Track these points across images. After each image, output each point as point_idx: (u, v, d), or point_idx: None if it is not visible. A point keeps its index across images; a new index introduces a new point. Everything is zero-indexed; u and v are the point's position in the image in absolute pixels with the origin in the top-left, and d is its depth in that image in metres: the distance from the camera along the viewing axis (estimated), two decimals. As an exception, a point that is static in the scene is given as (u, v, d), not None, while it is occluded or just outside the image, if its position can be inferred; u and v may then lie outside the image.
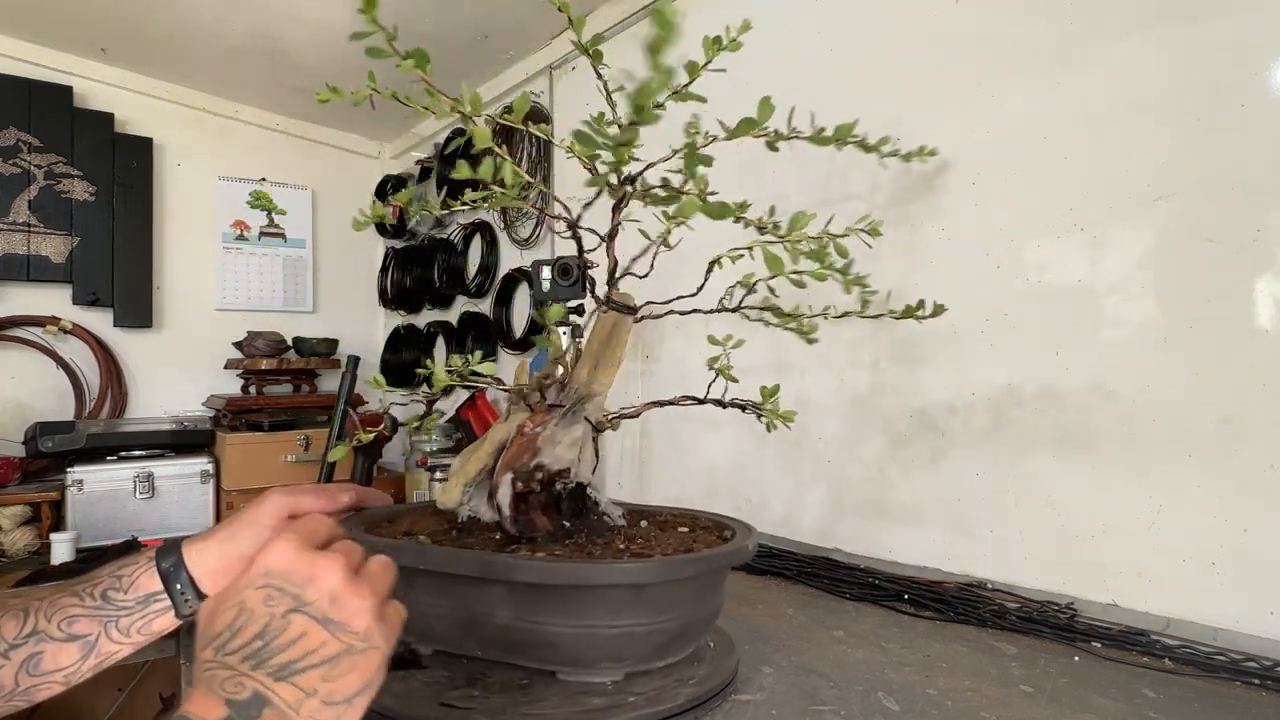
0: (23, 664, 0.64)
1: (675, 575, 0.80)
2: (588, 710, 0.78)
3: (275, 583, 0.51)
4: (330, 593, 0.51)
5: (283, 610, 0.50)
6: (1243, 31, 1.07)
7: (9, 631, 0.64)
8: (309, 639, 0.49)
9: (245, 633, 0.49)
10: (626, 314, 0.92)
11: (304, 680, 0.48)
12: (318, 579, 0.51)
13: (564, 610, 0.79)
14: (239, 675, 0.48)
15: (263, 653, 0.48)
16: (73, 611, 0.66)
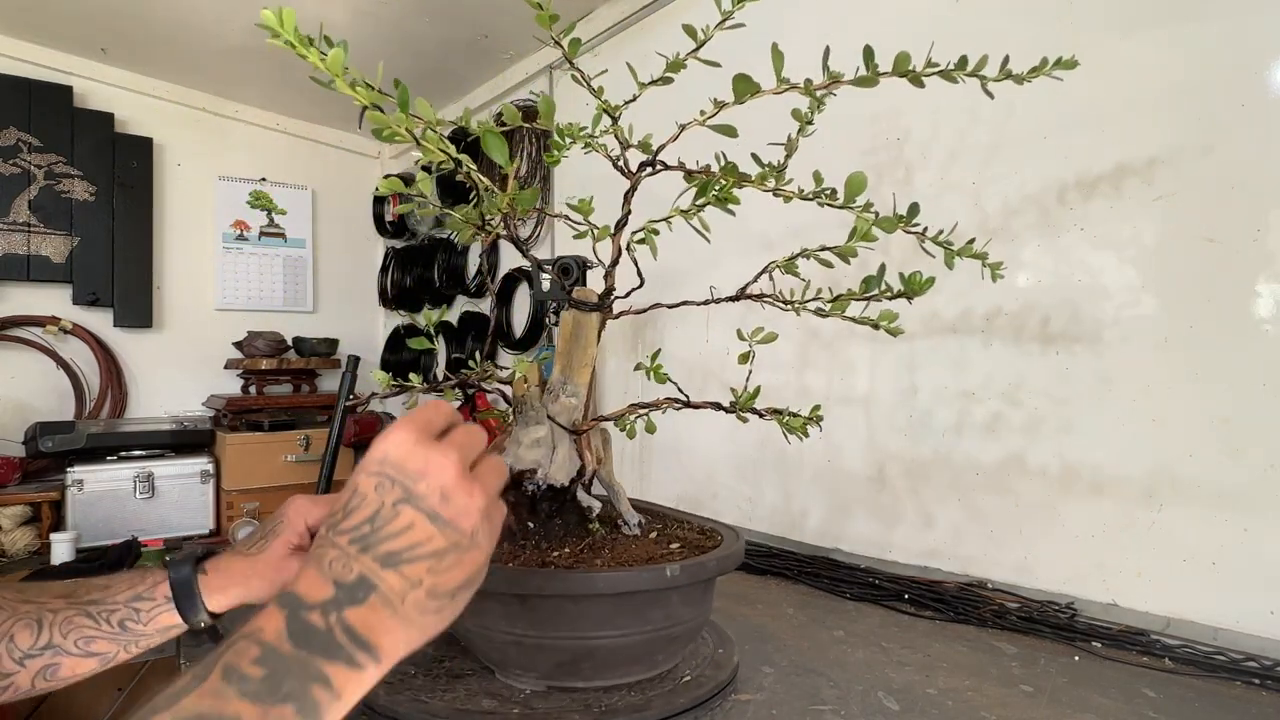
0: (39, 671, 0.66)
1: (541, 591, 0.78)
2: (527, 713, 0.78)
3: (388, 471, 0.50)
4: (441, 489, 0.50)
5: (392, 500, 0.49)
6: (1243, 31, 1.06)
7: (23, 641, 0.65)
8: (416, 531, 0.49)
9: (356, 515, 0.49)
10: (589, 311, 0.92)
11: (410, 571, 0.48)
12: (430, 474, 0.50)
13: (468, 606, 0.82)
14: (347, 557, 0.48)
15: (370, 538, 0.48)
16: (89, 633, 0.68)
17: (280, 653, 0.43)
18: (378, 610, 0.46)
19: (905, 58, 0.76)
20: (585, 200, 0.91)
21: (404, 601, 0.47)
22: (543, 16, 0.74)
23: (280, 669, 0.42)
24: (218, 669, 0.42)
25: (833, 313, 0.89)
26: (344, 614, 0.45)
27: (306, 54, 0.60)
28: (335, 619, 0.45)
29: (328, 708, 0.43)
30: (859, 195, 0.80)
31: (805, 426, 0.88)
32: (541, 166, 2.58)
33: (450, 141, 0.75)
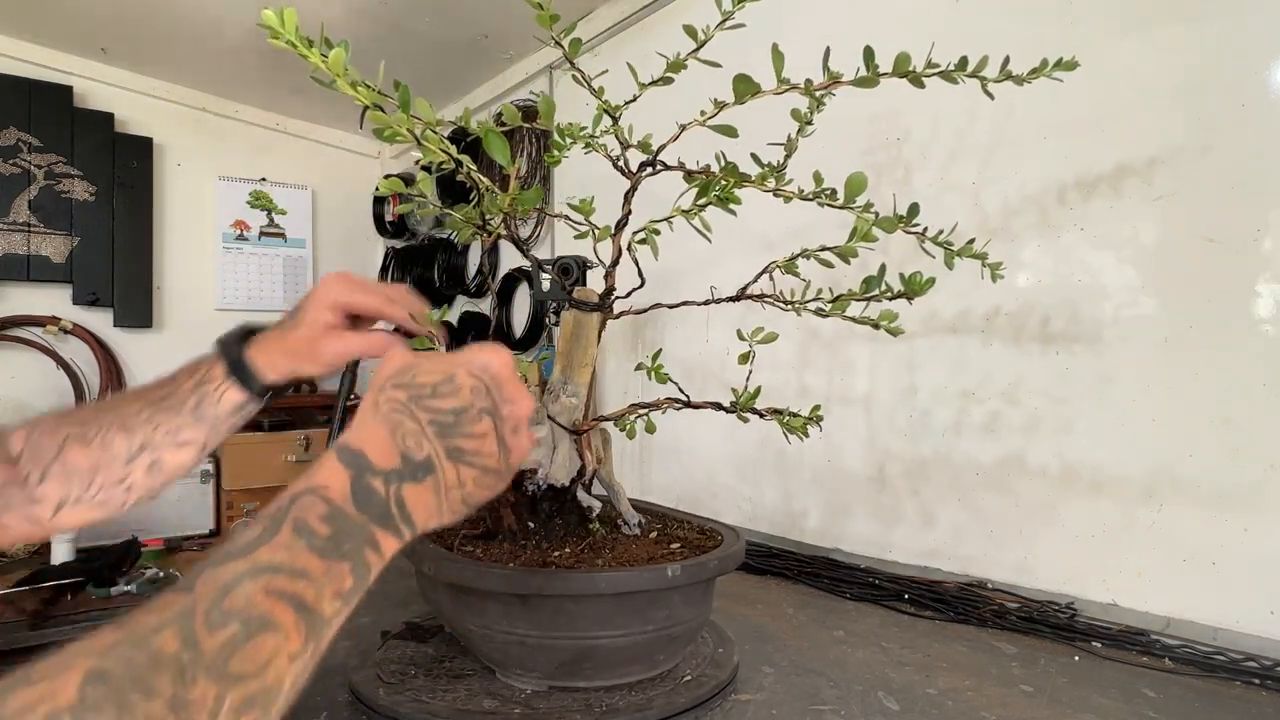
0: (148, 469, 0.71)
1: (544, 590, 0.79)
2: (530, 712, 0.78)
3: (487, 381, 0.54)
4: (516, 421, 0.55)
5: (481, 406, 0.53)
6: (1243, 31, 1.07)
7: (120, 447, 0.70)
8: (486, 442, 0.53)
9: (446, 401, 0.52)
10: (589, 311, 0.92)
11: (464, 472, 0.52)
12: (517, 405, 0.54)
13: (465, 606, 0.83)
14: (422, 435, 0.51)
15: (450, 429, 0.51)
16: (173, 424, 0.73)
17: (345, 514, 0.46)
18: (427, 493, 0.50)
19: (905, 58, 0.77)
20: (586, 200, 0.91)
21: (447, 494, 0.51)
22: (543, 16, 0.74)
23: (343, 529, 0.45)
24: (288, 522, 0.44)
25: (833, 313, 0.89)
26: (403, 488, 0.48)
27: (307, 54, 0.60)
28: (394, 490, 0.48)
29: (374, 570, 0.47)
30: (859, 195, 0.80)
31: (805, 426, 0.88)
32: (542, 166, 2.58)
33: (450, 141, 0.75)
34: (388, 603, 1.20)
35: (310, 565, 0.43)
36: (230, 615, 0.38)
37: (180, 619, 0.37)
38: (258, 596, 0.40)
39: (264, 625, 0.39)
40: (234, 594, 0.39)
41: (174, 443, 0.72)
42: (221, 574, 0.40)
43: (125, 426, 0.71)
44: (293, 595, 0.41)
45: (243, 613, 0.38)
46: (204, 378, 0.75)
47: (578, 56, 0.81)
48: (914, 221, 0.83)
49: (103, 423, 0.71)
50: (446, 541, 0.89)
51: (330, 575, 0.43)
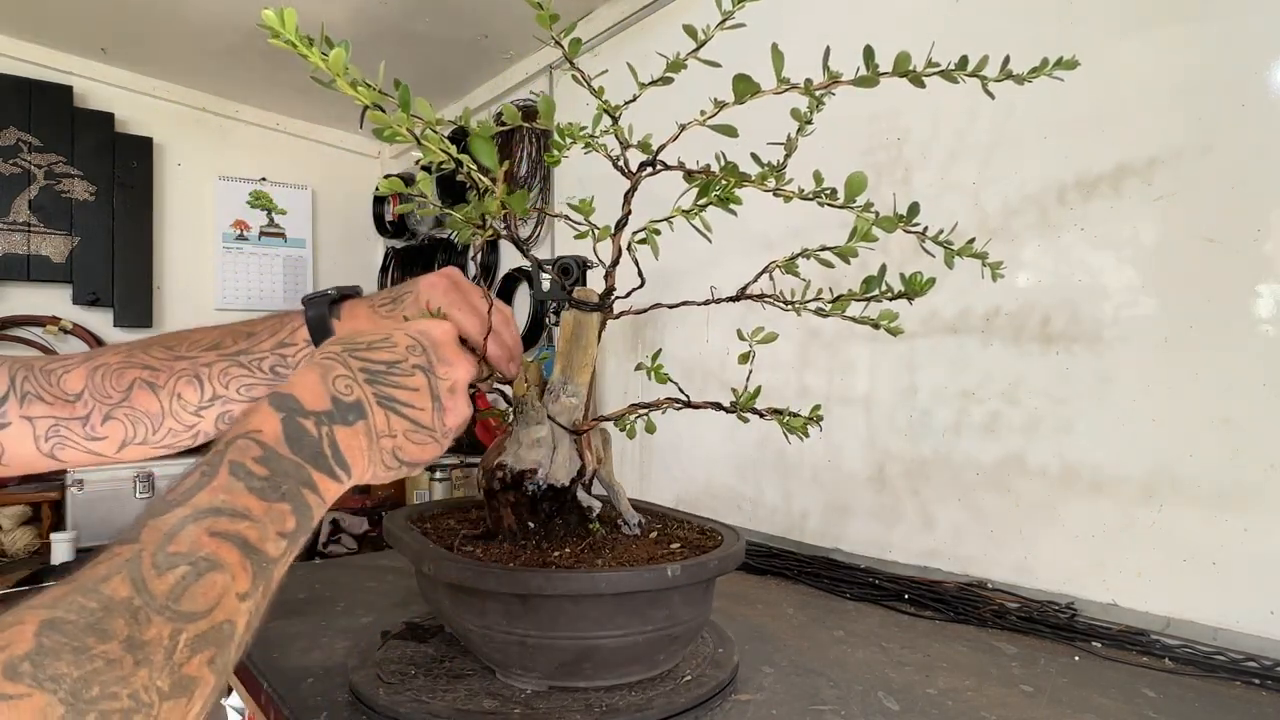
0: (218, 418, 0.72)
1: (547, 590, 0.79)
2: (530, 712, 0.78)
3: (425, 343, 0.56)
4: (454, 384, 0.56)
5: (415, 362, 0.54)
6: (1243, 31, 1.07)
7: (191, 397, 0.71)
8: (419, 396, 0.54)
9: (378, 353, 0.54)
10: (589, 311, 0.92)
11: (395, 421, 0.53)
12: (455, 367, 0.56)
13: (465, 606, 0.83)
14: (353, 380, 0.52)
15: (380, 377, 0.53)
16: (247, 380, 0.73)
17: (280, 455, 0.46)
18: (359, 436, 0.51)
19: (905, 58, 0.76)
20: (585, 200, 0.91)
21: (377, 440, 0.52)
22: (543, 16, 0.74)
23: (279, 470, 0.46)
24: (224, 466, 0.44)
25: (833, 313, 0.89)
26: (334, 429, 0.49)
27: (308, 54, 0.60)
28: (326, 431, 0.49)
29: (315, 511, 0.47)
30: (859, 195, 0.80)
31: (805, 426, 0.88)
32: (541, 166, 2.58)
33: (450, 141, 0.75)
34: (388, 603, 1.20)
35: (250, 505, 0.43)
36: (177, 558, 0.39)
37: (129, 565, 0.37)
38: (202, 538, 0.40)
39: (211, 565, 0.39)
40: (178, 537, 0.40)
41: (248, 398, 0.73)
42: (165, 521, 0.40)
43: (198, 377, 0.72)
44: (236, 535, 0.42)
45: (189, 554, 0.39)
46: (286, 340, 0.75)
47: (578, 56, 0.81)
48: (914, 221, 0.83)
49: (175, 370, 0.71)
50: (446, 541, 0.89)
51: (271, 515, 0.44)
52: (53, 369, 0.70)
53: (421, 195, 0.83)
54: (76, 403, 0.69)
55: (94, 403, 0.69)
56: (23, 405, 0.68)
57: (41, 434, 0.68)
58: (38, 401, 0.68)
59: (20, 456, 0.68)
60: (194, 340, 0.75)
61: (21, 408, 0.68)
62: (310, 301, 0.77)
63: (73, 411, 0.69)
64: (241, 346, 0.74)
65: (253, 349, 0.74)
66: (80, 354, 0.73)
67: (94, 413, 0.69)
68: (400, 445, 0.54)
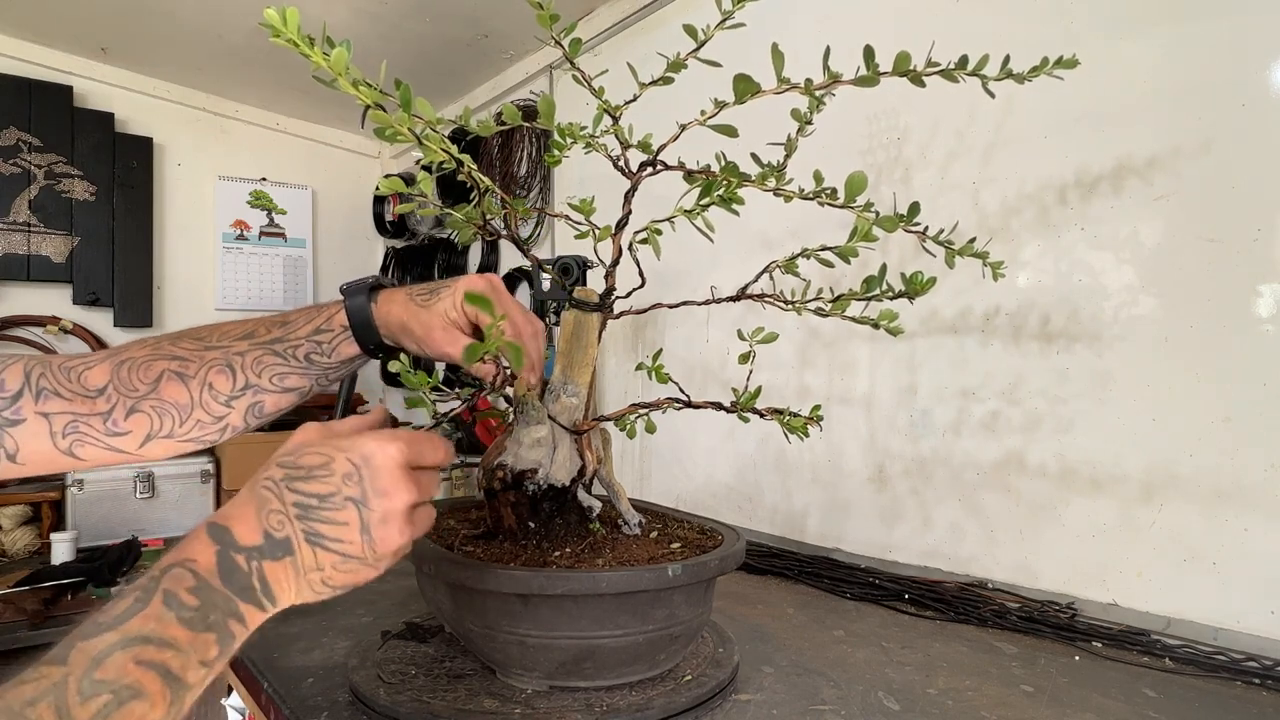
0: (247, 410, 0.71)
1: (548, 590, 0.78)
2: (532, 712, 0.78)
3: (363, 472, 0.56)
4: (386, 513, 0.56)
5: (348, 494, 0.55)
6: (1243, 31, 1.07)
7: (223, 386, 0.70)
8: (348, 530, 0.55)
9: (313, 485, 0.55)
10: (590, 311, 0.92)
11: (322, 556, 0.54)
12: (390, 496, 0.56)
13: (465, 606, 0.83)
14: (286, 516, 0.54)
15: (311, 512, 0.54)
16: (280, 369, 0.72)
17: (211, 586, 0.49)
18: (286, 571, 0.53)
19: (905, 57, 0.77)
20: (586, 200, 0.91)
21: (304, 574, 0.54)
22: (543, 16, 0.74)
23: (209, 601, 0.48)
24: (159, 594, 0.46)
25: (833, 313, 0.89)
26: (263, 564, 0.52)
27: (309, 54, 0.60)
28: (256, 566, 0.51)
29: (238, 639, 0.50)
30: (859, 195, 0.80)
31: (805, 426, 0.88)
32: (541, 166, 2.58)
33: (450, 141, 0.75)
34: (388, 603, 1.20)
35: (178, 635, 0.45)
36: (101, 685, 0.41)
37: (54, 690, 0.39)
38: (128, 666, 0.42)
39: (133, 694, 0.42)
40: (105, 664, 0.42)
41: (280, 388, 0.72)
42: (95, 645, 0.42)
43: (230, 366, 0.71)
44: (160, 664, 0.44)
45: (113, 682, 0.41)
46: (322, 326, 0.75)
47: (578, 56, 0.81)
48: (914, 221, 0.83)
49: (205, 360, 0.70)
50: (446, 541, 0.89)
51: (196, 645, 0.46)
52: (74, 365, 0.69)
53: (422, 195, 0.83)
54: (99, 398, 0.68)
55: (118, 397, 0.68)
56: (38, 401, 0.67)
57: (59, 430, 0.67)
58: (54, 397, 0.67)
59: (37, 454, 0.67)
60: (225, 331, 0.74)
61: (37, 403, 0.67)
62: (349, 289, 0.77)
63: (93, 407, 0.68)
64: (276, 335, 0.74)
65: (288, 336, 0.74)
66: (104, 351, 0.72)
67: (117, 407, 0.68)
68: (329, 576, 0.55)
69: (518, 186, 2.61)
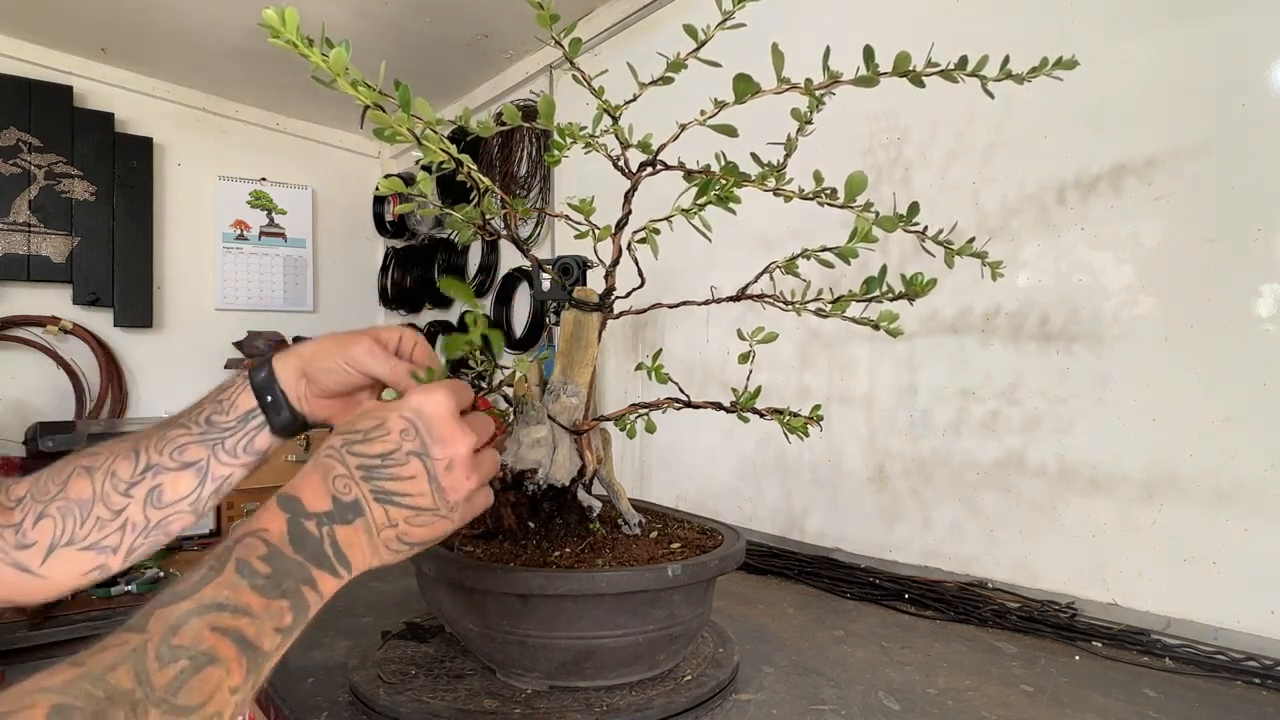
0: (146, 498, 0.66)
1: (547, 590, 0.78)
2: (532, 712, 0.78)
3: (418, 424, 0.56)
4: (450, 460, 0.56)
5: (409, 449, 0.56)
6: (1243, 31, 1.06)
7: (125, 472, 0.66)
8: (415, 483, 0.56)
9: (373, 446, 0.55)
10: (589, 311, 0.92)
11: (394, 512, 0.55)
12: (449, 443, 0.56)
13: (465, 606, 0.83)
14: (351, 479, 0.54)
15: (376, 471, 0.55)
16: (181, 441, 0.67)
17: (283, 554, 0.49)
18: (359, 533, 0.53)
19: (905, 57, 0.76)
20: (586, 200, 0.91)
21: (378, 534, 0.54)
22: (543, 16, 0.74)
23: (281, 569, 0.49)
24: (232, 562, 0.47)
25: (833, 313, 0.89)
26: (335, 528, 0.52)
27: (308, 54, 0.60)
28: (327, 531, 0.52)
29: (313, 607, 0.50)
30: (859, 195, 0.80)
31: (805, 426, 0.88)
32: (541, 166, 2.58)
33: (450, 141, 0.75)
34: (388, 603, 1.20)
35: (251, 602, 0.46)
36: (179, 651, 0.42)
37: (134, 656, 0.40)
38: (204, 632, 0.43)
39: (209, 659, 0.43)
40: (183, 631, 0.43)
41: (179, 463, 0.66)
42: (171, 612, 0.43)
43: (136, 449, 0.66)
44: (235, 631, 0.45)
45: (190, 648, 0.42)
46: (226, 384, 0.71)
47: (578, 56, 0.81)
48: (914, 221, 0.83)
49: (115, 450, 0.66)
50: (447, 541, 0.89)
51: (270, 612, 0.47)
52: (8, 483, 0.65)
53: (421, 195, 0.83)
54: (16, 509, 0.63)
55: (31, 504, 0.64)
56: None
57: None
58: None
59: None
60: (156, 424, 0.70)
61: None
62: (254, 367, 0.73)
63: (9, 519, 0.63)
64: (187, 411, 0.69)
65: (199, 403, 0.70)
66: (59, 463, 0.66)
67: (29, 515, 0.63)
68: (405, 531, 0.56)
69: (518, 186, 2.60)
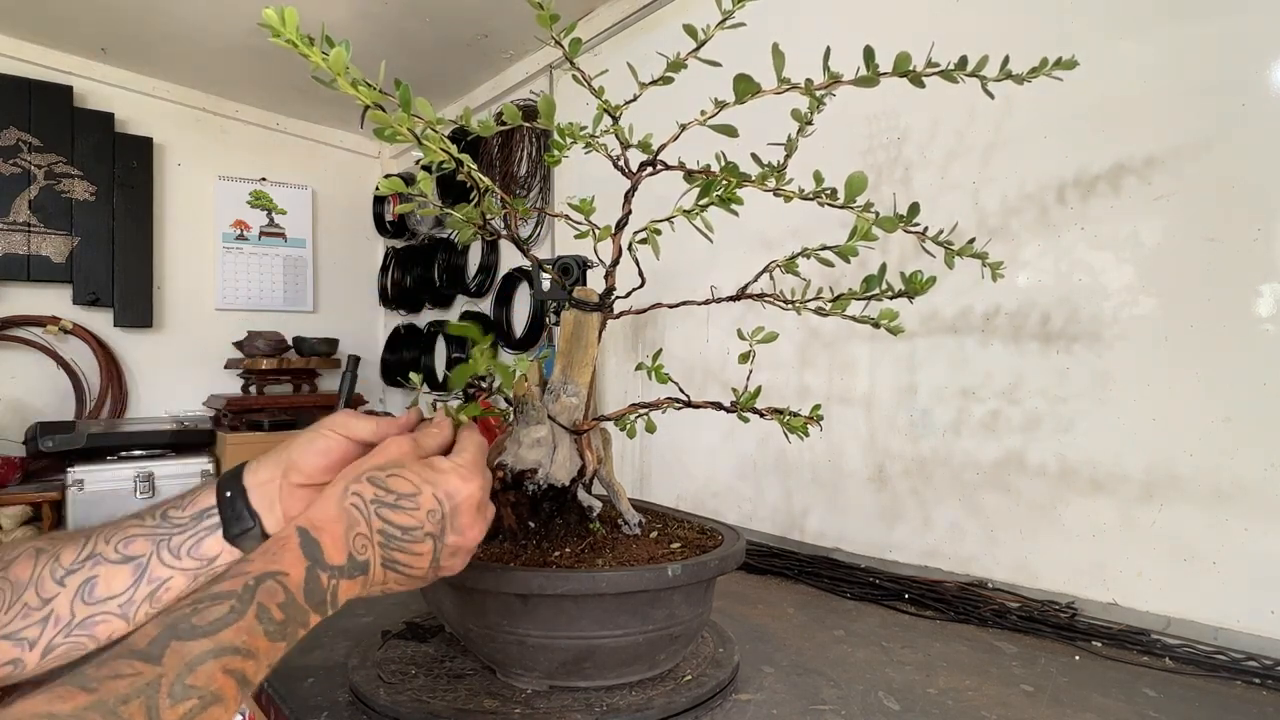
0: (77, 590, 0.61)
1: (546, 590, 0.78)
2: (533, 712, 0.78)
3: (446, 509, 0.60)
4: (457, 548, 0.61)
5: (429, 530, 0.59)
6: (1243, 31, 1.07)
7: (67, 558, 0.62)
8: (420, 559, 0.59)
9: (401, 516, 0.58)
10: (590, 311, 0.92)
11: (390, 576, 0.59)
12: (465, 534, 0.61)
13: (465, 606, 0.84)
14: (370, 542, 0.57)
15: (394, 541, 0.58)
16: (131, 532, 0.64)
17: (297, 603, 0.52)
18: (355, 585, 0.57)
19: (905, 58, 0.76)
20: (586, 200, 0.91)
21: (369, 586, 0.58)
22: (543, 16, 0.74)
23: (292, 616, 0.51)
24: (253, 608, 0.49)
25: (833, 312, 0.89)
26: (340, 583, 0.55)
27: (308, 54, 0.60)
28: (333, 584, 0.55)
29: (297, 641, 0.53)
30: (859, 195, 0.80)
31: (805, 426, 0.88)
32: (542, 166, 2.58)
33: (450, 141, 0.75)
34: (388, 602, 1.20)
35: (260, 646, 0.49)
36: (191, 690, 0.44)
37: (147, 691, 0.42)
38: (216, 674, 0.45)
39: (215, 699, 0.45)
40: (197, 671, 0.45)
41: (120, 555, 0.62)
42: (190, 649, 0.45)
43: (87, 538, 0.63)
44: (240, 672, 0.47)
45: (202, 689, 0.44)
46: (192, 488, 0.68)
47: (578, 56, 0.81)
48: (914, 221, 0.83)
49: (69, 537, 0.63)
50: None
51: (271, 653, 0.50)
52: None
53: (421, 195, 0.83)
54: None
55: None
56: None
57: None
58: None
59: None
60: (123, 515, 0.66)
61: None
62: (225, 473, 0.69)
63: None
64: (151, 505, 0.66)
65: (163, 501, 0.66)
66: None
67: None
68: (387, 588, 0.60)
69: (518, 186, 2.61)
